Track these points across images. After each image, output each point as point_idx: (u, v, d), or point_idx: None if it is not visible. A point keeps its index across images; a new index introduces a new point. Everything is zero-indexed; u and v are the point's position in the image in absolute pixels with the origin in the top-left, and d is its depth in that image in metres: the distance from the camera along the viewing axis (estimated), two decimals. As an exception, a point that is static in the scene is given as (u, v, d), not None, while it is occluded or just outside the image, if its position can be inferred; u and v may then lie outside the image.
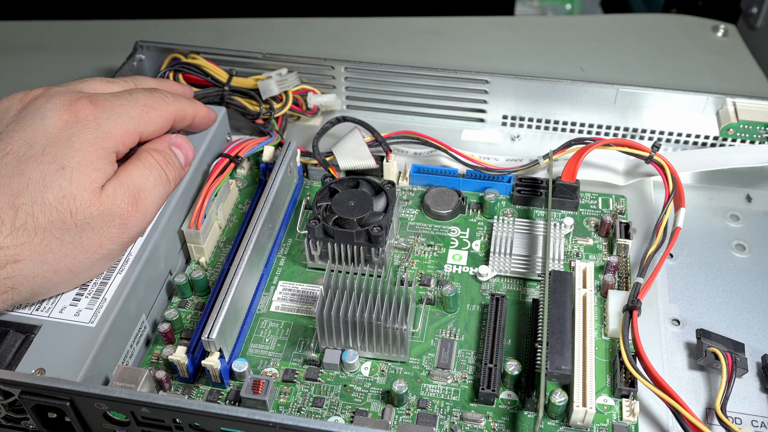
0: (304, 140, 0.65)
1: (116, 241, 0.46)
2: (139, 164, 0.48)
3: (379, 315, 0.46)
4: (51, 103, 0.46)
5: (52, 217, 0.43)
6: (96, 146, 0.45)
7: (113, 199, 0.45)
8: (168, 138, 0.52)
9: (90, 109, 0.46)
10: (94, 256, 0.45)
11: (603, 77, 0.75)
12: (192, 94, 0.60)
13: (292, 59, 0.66)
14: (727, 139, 0.63)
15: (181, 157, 0.52)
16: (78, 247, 0.44)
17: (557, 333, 0.46)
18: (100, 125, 0.46)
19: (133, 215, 0.46)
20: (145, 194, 0.47)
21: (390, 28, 0.87)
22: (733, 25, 0.87)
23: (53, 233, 0.43)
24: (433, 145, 0.60)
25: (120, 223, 0.46)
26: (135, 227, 0.47)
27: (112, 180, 0.46)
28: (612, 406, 0.46)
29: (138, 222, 0.47)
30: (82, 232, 0.44)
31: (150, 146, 0.50)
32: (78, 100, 0.47)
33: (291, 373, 0.48)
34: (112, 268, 0.47)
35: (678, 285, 0.54)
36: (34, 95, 0.48)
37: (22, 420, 0.44)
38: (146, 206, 0.47)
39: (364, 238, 0.52)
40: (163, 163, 0.49)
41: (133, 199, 0.46)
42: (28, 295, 0.44)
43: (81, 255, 0.44)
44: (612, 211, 0.59)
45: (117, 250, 0.47)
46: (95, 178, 0.45)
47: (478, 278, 0.54)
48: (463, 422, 0.45)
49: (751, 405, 0.47)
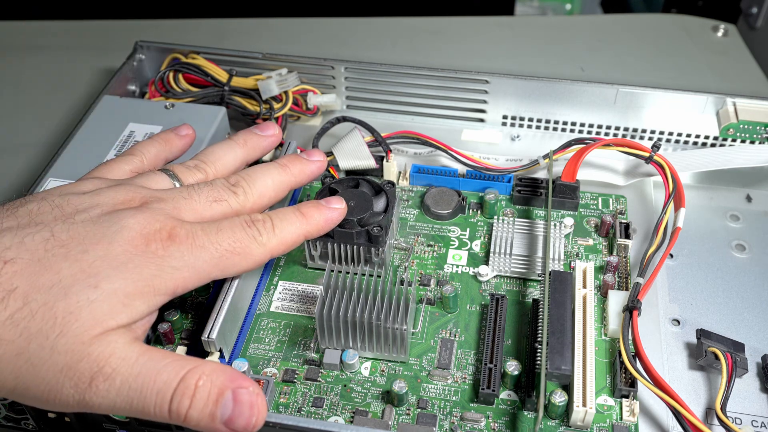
0: (304, 140, 0.65)
1: (44, 397, 0.37)
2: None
3: (379, 315, 0.46)
4: (134, 220, 0.40)
5: (44, 326, 0.36)
6: (144, 283, 0.39)
7: (109, 351, 0.37)
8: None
9: (165, 244, 0.40)
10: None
11: (603, 77, 0.75)
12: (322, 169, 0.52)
13: (292, 59, 0.66)
14: (727, 139, 0.63)
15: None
16: (40, 368, 0.36)
17: (557, 333, 0.46)
18: (163, 263, 0.40)
19: (92, 395, 0.37)
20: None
21: (390, 28, 0.87)
22: (733, 25, 0.87)
23: (35, 340, 0.36)
24: (433, 145, 0.60)
25: (76, 383, 0.36)
26: (73, 404, 0.37)
27: (137, 336, 0.39)
28: (612, 406, 0.46)
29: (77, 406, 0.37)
30: (49, 356, 0.36)
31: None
32: (159, 231, 0.41)
33: (291, 373, 0.48)
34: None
35: (678, 285, 0.54)
36: (131, 199, 0.43)
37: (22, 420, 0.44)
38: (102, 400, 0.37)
39: (364, 238, 0.52)
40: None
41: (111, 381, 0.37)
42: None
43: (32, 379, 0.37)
44: (612, 211, 0.59)
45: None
46: (116, 313, 0.38)
47: (478, 278, 0.54)
48: (463, 422, 0.45)
49: (751, 405, 0.47)
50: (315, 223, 0.47)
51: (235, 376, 0.37)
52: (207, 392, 0.36)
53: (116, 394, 0.36)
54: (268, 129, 0.53)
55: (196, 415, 0.36)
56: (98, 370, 0.36)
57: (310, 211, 0.47)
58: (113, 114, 0.61)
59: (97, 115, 0.61)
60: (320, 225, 0.47)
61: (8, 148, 0.69)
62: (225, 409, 0.36)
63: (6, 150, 0.69)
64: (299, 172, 0.50)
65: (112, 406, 0.37)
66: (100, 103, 0.62)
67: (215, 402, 0.36)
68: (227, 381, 0.37)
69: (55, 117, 0.72)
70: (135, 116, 0.61)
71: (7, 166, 0.66)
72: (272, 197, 0.48)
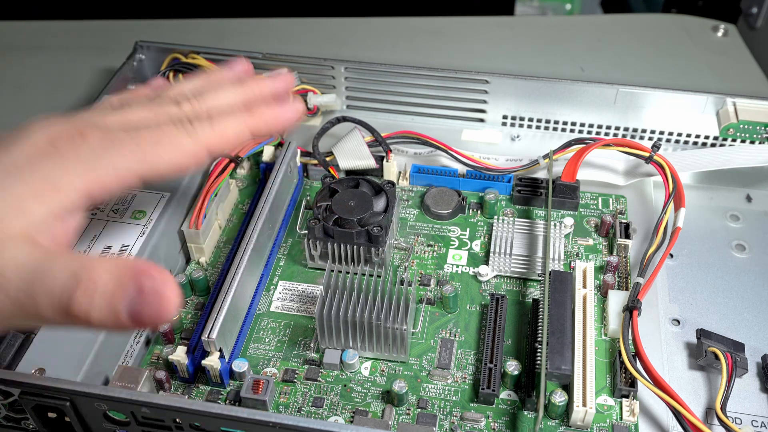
0: (304, 140, 0.65)
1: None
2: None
3: (379, 315, 0.46)
4: (45, 123, 0.38)
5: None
6: (43, 182, 0.35)
7: (8, 255, 0.34)
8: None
9: (75, 143, 0.37)
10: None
11: (603, 77, 0.75)
12: (290, 85, 0.47)
13: (292, 59, 0.66)
14: (727, 139, 0.63)
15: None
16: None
17: (557, 333, 0.46)
18: (68, 159, 0.36)
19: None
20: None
21: (390, 28, 0.87)
22: (733, 25, 0.87)
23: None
24: (433, 145, 0.60)
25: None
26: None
27: (45, 244, 0.35)
28: (612, 406, 0.46)
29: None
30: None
31: None
32: (68, 130, 0.37)
33: (291, 373, 0.48)
34: (112, 268, 0.47)
35: (678, 285, 0.54)
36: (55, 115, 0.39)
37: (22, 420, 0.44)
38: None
39: (364, 238, 0.52)
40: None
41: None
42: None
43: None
44: (612, 211, 0.59)
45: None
46: (8, 218, 0.34)
47: (478, 278, 0.54)
48: (463, 422, 0.45)
49: (751, 405, 0.47)
50: (262, 118, 0.42)
51: (136, 265, 0.33)
52: (107, 289, 0.33)
53: (12, 303, 0.33)
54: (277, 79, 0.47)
55: (98, 315, 0.33)
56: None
57: (256, 104, 0.42)
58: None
59: (97, 115, 0.61)
60: (268, 121, 0.42)
61: (8, 148, 0.69)
62: (129, 302, 0.32)
63: (6, 150, 0.69)
64: (258, 89, 0.45)
65: (9, 316, 0.34)
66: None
67: (116, 296, 0.33)
68: (127, 271, 0.33)
69: (55, 117, 0.72)
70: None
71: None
72: (231, 142, 0.42)
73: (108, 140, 0.37)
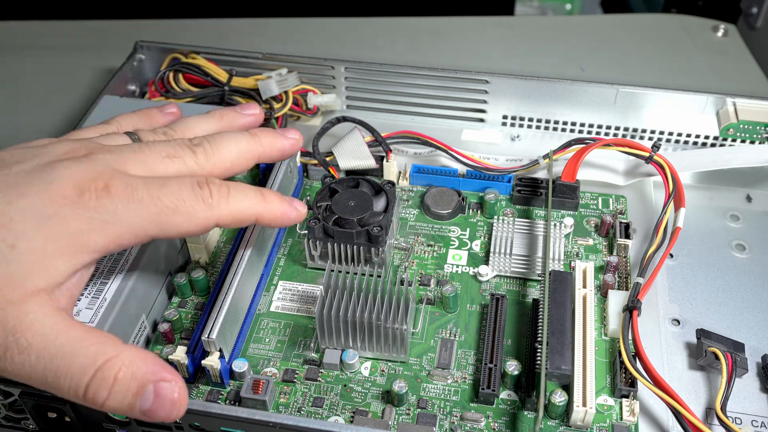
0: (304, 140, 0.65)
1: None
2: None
3: (379, 315, 0.46)
4: (70, 169, 0.37)
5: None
6: (69, 239, 0.36)
7: (27, 322, 0.35)
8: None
9: (99, 195, 0.37)
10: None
11: (603, 77, 0.75)
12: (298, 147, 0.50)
13: (292, 59, 0.66)
14: (727, 139, 0.63)
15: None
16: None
17: (557, 333, 0.46)
18: (94, 216, 0.37)
19: (7, 364, 0.35)
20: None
21: (390, 28, 0.87)
22: (733, 25, 0.87)
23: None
24: (433, 145, 0.60)
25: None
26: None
27: (59, 306, 0.36)
28: (612, 406, 0.46)
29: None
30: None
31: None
32: (95, 180, 0.37)
33: (291, 373, 0.48)
34: (113, 268, 0.47)
35: (678, 285, 0.54)
36: (76, 150, 0.40)
37: (22, 420, 0.44)
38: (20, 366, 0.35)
39: (364, 238, 0.52)
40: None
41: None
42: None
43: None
44: (612, 211, 0.59)
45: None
46: (34, 276, 0.35)
47: (478, 278, 0.54)
48: (463, 422, 0.45)
49: (751, 405, 0.47)
50: (271, 209, 0.44)
51: (157, 368, 0.36)
52: (126, 385, 0.35)
53: (31, 370, 0.35)
54: (249, 108, 0.51)
55: (114, 405, 0.35)
56: (13, 340, 0.34)
57: (270, 196, 0.44)
58: (113, 114, 0.61)
59: (97, 115, 0.61)
60: (275, 214, 0.44)
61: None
62: (145, 401, 0.35)
63: (6, 150, 0.69)
64: (269, 144, 0.47)
65: (27, 378, 0.35)
66: (100, 103, 0.62)
67: (135, 395, 0.35)
68: (149, 374, 0.35)
69: (55, 117, 0.72)
70: (135, 116, 0.61)
71: (7, 166, 0.66)
72: (235, 164, 0.45)
73: (131, 199, 0.38)
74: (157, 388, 0.35)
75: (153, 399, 0.35)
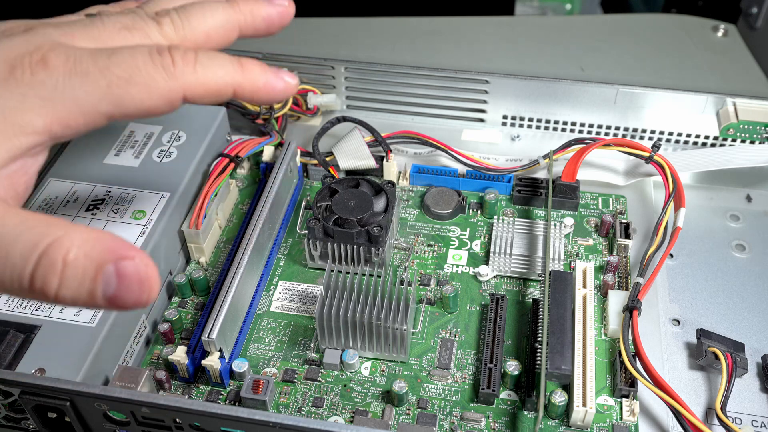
0: (304, 140, 0.65)
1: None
2: None
3: (379, 315, 0.46)
4: (2, 44, 0.34)
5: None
6: (4, 121, 0.32)
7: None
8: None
9: (34, 70, 0.33)
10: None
11: (603, 77, 0.75)
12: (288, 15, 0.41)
13: (292, 59, 0.66)
14: (727, 139, 0.63)
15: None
16: None
17: (557, 333, 0.46)
18: (29, 92, 0.33)
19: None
20: None
21: (390, 28, 0.87)
22: (733, 25, 0.87)
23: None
24: (433, 145, 0.60)
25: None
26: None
27: (1, 186, 0.32)
28: (612, 406, 0.46)
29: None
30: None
31: None
32: (29, 53, 0.33)
33: (291, 373, 0.48)
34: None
35: (678, 285, 0.54)
36: (17, 26, 0.36)
37: (22, 420, 0.44)
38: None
39: (364, 238, 0.52)
40: None
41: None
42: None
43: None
44: (612, 211, 0.59)
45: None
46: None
47: (478, 278, 0.54)
48: (463, 422, 0.45)
49: (751, 405, 0.47)
50: (251, 79, 0.37)
51: (115, 246, 0.30)
52: (81, 268, 0.30)
53: None
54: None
55: (70, 295, 0.30)
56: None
57: (249, 64, 0.37)
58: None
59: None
60: (257, 84, 0.37)
61: (8, 148, 0.69)
62: (107, 286, 0.30)
63: (6, 150, 0.69)
64: (250, 12, 0.40)
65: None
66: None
67: (93, 279, 0.30)
68: (106, 252, 0.30)
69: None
70: (135, 116, 0.60)
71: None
72: (211, 35, 0.38)
73: (74, 72, 0.33)
74: (119, 268, 0.30)
75: (116, 282, 0.30)
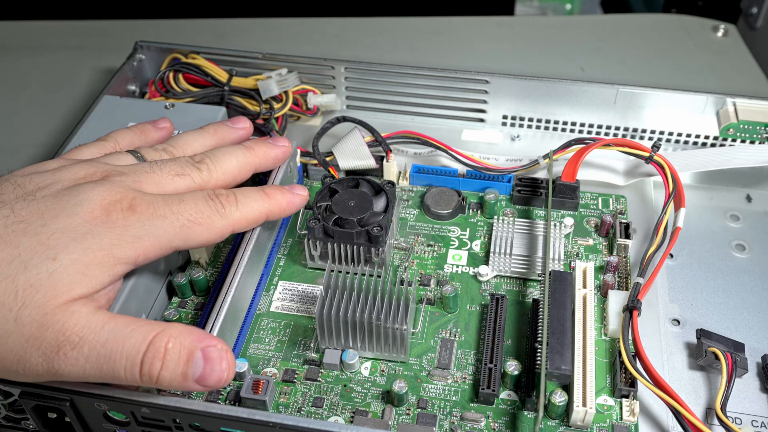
0: (304, 140, 0.65)
1: (15, 365, 0.37)
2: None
3: (379, 315, 0.46)
4: (94, 192, 0.41)
5: (6, 299, 0.37)
6: (104, 252, 0.39)
7: (74, 320, 0.37)
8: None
9: (125, 214, 0.41)
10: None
11: (603, 77, 0.75)
12: (288, 153, 0.53)
13: (292, 59, 0.66)
14: (727, 139, 0.63)
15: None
16: (6, 340, 0.37)
17: (557, 333, 0.46)
18: (124, 232, 0.40)
19: (61, 363, 0.37)
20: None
21: (390, 28, 0.87)
22: (733, 25, 0.87)
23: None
24: (433, 145, 0.60)
25: (43, 353, 0.37)
26: (44, 372, 0.38)
27: (100, 306, 0.40)
28: (612, 406, 0.46)
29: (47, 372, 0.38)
30: (14, 328, 0.37)
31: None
32: (119, 201, 0.41)
33: (291, 373, 0.48)
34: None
35: (678, 285, 0.54)
36: (92, 174, 0.43)
37: (22, 420, 0.44)
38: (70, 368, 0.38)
39: (364, 238, 0.52)
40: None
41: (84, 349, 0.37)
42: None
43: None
44: (612, 211, 0.59)
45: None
46: (76, 283, 0.38)
47: (478, 278, 0.54)
48: (463, 422, 0.45)
49: (751, 405, 0.47)
50: (277, 203, 0.48)
51: (202, 336, 0.39)
52: (177, 353, 0.38)
53: (85, 361, 0.37)
54: (239, 122, 0.54)
55: (168, 376, 0.38)
56: (65, 339, 0.37)
57: (273, 192, 0.48)
58: (113, 114, 0.61)
59: (97, 115, 0.61)
60: (282, 206, 0.48)
61: (8, 148, 0.69)
62: (196, 367, 0.38)
63: (6, 150, 0.69)
64: (264, 155, 0.51)
65: (82, 372, 0.37)
66: (100, 103, 0.62)
67: (186, 362, 0.38)
68: (195, 341, 0.38)
69: (55, 117, 0.72)
70: (135, 116, 0.61)
71: (7, 166, 0.66)
72: (236, 175, 0.49)
73: (155, 215, 0.42)
74: (206, 353, 0.38)
75: (203, 364, 0.38)
